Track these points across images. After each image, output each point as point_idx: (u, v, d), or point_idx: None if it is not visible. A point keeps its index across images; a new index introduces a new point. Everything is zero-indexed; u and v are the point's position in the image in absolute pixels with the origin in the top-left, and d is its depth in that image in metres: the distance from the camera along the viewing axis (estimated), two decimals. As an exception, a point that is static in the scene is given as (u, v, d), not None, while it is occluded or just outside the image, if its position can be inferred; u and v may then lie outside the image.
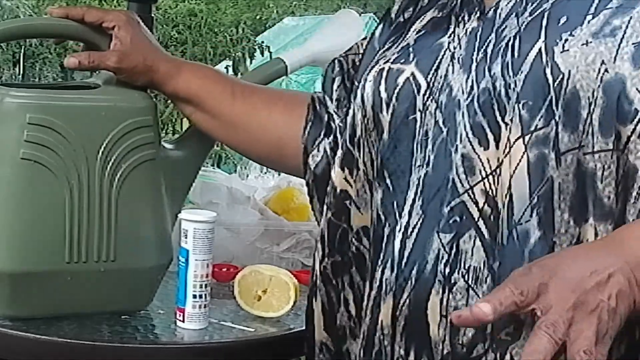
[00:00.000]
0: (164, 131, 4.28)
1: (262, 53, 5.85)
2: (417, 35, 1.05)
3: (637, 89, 0.87)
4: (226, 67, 4.73)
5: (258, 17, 14.19)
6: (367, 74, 1.06)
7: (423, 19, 1.06)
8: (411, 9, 1.10)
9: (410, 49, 1.03)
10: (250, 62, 5.71)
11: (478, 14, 0.99)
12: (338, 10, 1.82)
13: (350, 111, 1.10)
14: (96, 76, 1.39)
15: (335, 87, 1.21)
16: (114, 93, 1.33)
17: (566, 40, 0.90)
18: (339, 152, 1.11)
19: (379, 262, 1.02)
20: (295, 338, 1.36)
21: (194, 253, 1.30)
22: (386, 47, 1.08)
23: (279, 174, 1.95)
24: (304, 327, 1.24)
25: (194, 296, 1.30)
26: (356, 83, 1.10)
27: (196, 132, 1.42)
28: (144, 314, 1.37)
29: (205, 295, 1.31)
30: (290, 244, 1.68)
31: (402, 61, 1.03)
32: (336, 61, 1.23)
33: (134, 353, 1.26)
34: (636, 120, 0.87)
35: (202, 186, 1.69)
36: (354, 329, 1.11)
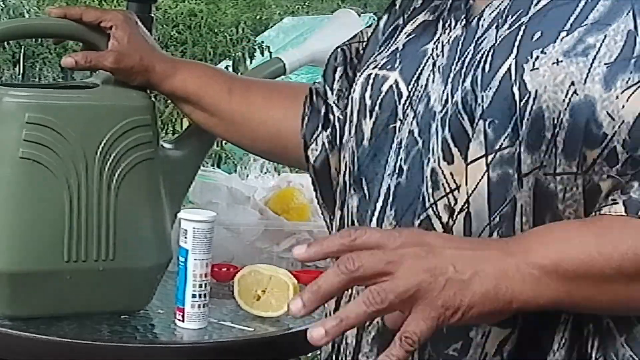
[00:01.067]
0: (163, 131, 4.28)
1: (262, 53, 5.86)
2: (406, 39, 1.02)
3: (607, 112, 0.83)
4: (226, 67, 4.74)
5: (258, 17, 14.20)
6: (358, 78, 1.04)
7: (415, 21, 1.04)
8: (409, 7, 1.07)
9: (398, 54, 1.01)
10: (250, 62, 5.72)
11: (464, 22, 0.96)
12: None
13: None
14: (95, 76, 1.39)
15: (337, 77, 1.19)
16: (113, 92, 1.33)
17: (537, 57, 0.86)
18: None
19: None
20: (295, 338, 1.36)
21: (193, 253, 1.30)
22: (380, 50, 1.06)
23: (279, 174, 1.95)
24: (303, 327, 1.23)
25: (194, 296, 1.30)
26: (358, 75, 1.07)
27: (195, 131, 1.42)
28: (143, 314, 1.37)
29: (205, 294, 1.31)
30: (290, 244, 1.68)
31: (388, 67, 1.01)
32: (339, 50, 1.20)
33: (133, 353, 1.26)
34: (603, 144, 0.84)
35: (202, 186, 1.69)
36: None
